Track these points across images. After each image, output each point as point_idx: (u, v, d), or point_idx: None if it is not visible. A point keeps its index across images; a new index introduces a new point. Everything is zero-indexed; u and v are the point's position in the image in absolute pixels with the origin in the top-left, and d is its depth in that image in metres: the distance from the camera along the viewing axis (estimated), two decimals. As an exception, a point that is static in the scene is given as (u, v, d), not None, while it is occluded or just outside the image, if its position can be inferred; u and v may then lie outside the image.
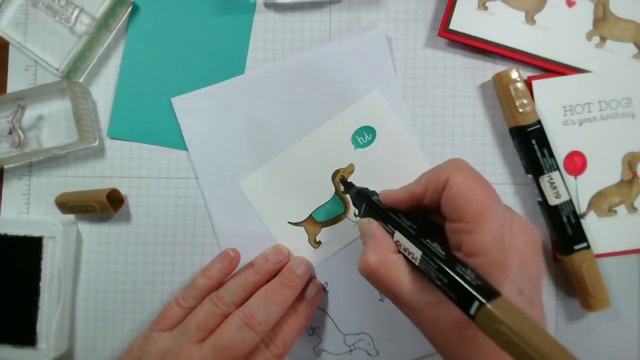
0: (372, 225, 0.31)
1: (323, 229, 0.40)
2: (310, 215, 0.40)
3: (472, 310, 0.23)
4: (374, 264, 0.29)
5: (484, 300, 0.23)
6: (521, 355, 0.21)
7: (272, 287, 0.36)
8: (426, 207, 0.30)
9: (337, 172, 0.39)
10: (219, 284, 0.38)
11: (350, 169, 0.39)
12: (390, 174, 0.39)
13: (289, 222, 0.40)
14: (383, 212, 0.31)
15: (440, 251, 0.27)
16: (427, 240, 0.28)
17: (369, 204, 0.33)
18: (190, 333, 0.35)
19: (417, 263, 0.27)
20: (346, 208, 0.40)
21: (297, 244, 0.40)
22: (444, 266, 0.25)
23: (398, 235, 0.29)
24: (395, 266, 0.28)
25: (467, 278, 0.24)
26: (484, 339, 0.24)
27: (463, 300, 0.24)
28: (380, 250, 0.29)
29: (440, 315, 0.27)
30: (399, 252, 0.29)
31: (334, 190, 0.40)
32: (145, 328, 0.38)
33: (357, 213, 0.37)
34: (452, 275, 0.25)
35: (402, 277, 0.28)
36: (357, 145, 0.39)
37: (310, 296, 0.38)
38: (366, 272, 0.29)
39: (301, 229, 0.40)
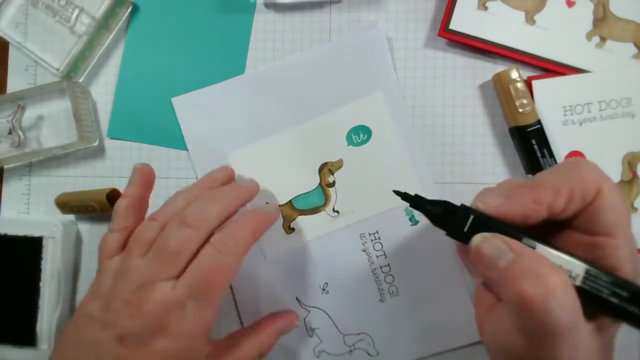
0: (511, 241, 0.24)
1: (299, 217, 0.40)
2: (290, 200, 0.40)
3: None
4: (556, 286, 0.22)
5: None
6: None
7: (211, 190, 0.35)
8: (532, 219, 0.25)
9: (325, 164, 0.40)
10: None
11: (339, 164, 0.39)
12: (376, 178, 0.39)
13: (267, 203, 0.40)
14: (510, 228, 0.25)
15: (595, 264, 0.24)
16: (567, 251, 0.24)
17: (481, 219, 0.26)
18: (133, 250, 0.32)
19: (577, 281, 0.23)
20: (326, 201, 0.40)
21: (271, 228, 0.39)
22: (621, 279, 0.23)
23: (545, 251, 0.24)
24: (570, 287, 0.23)
25: None
26: None
27: None
28: (551, 269, 0.23)
29: (598, 345, 0.24)
30: None
31: (318, 182, 0.40)
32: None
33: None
34: (634, 287, 0.22)
35: (577, 299, 0.23)
36: (350, 142, 0.39)
37: (270, 210, 0.36)
38: (550, 303, 0.22)
39: None
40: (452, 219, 0.27)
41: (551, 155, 0.37)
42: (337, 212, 0.39)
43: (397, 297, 0.39)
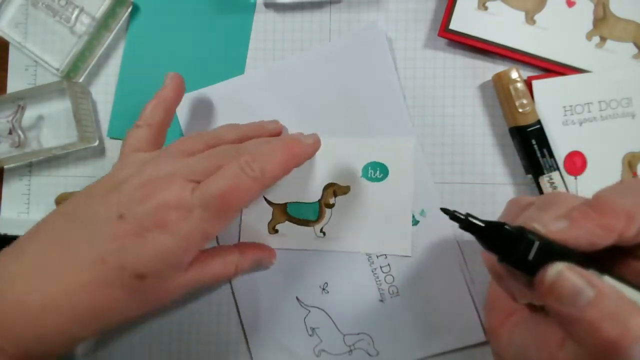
0: (591, 276, 0.22)
1: (287, 222, 0.40)
2: (286, 203, 0.40)
3: None
4: None
5: None
6: None
7: (273, 138, 0.35)
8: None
9: (332, 184, 0.39)
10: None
11: (346, 190, 0.39)
12: (374, 219, 0.39)
13: (263, 197, 0.40)
14: (576, 256, 0.23)
15: None
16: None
17: (546, 246, 0.23)
18: (171, 153, 0.33)
19: None
20: (318, 219, 0.39)
21: (257, 219, 0.40)
22: None
23: (614, 283, 0.22)
24: None
25: None
26: None
27: None
28: (634, 309, 0.20)
29: None
30: None
31: (319, 198, 0.39)
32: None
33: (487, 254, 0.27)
34: None
35: None
36: (365, 174, 0.39)
37: (307, 141, 0.34)
38: (633, 348, 0.20)
39: (270, 209, 0.40)
40: (510, 244, 0.23)
41: (551, 155, 0.37)
42: (324, 233, 0.39)
43: (398, 297, 0.39)
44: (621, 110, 0.37)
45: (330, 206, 0.39)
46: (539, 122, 0.37)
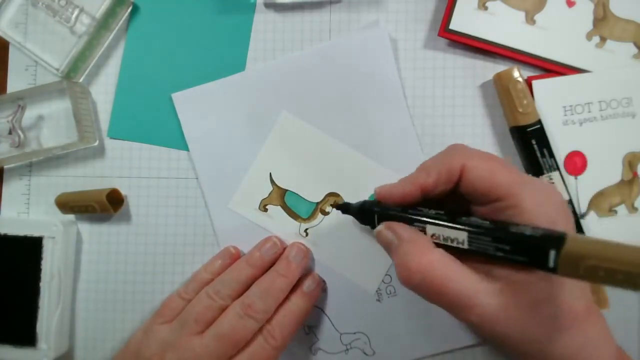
0: (397, 228, 0.28)
1: (279, 206, 0.40)
2: (286, 190, 0.40)
3: (551, 262, 0.21)
4: (421, 266, 0.26)
5: (559, 246, 0.21)
6: (626, 280, 0.19)
7: (269, 279, 0.37)
8: (430, 199, 0.29)
9: (335, 195, 0.39)
10: None
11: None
12: (355, 247, 0.39)
13: (270, 174, 0.40)
14: (401, 212, 0.29)
15: (484, 222, 0.25)
16: (464, 218, 0.26)
17: (381, 212, 0.30)
18: (189, 325, 0.35)
19: (465, 246, 0.26)
20: (308, 219, 0.40)
21: (254, 191, 0.40)
22: (498, 233, 0.24)
23: (432, 228, 0.27)
24: (445, 262, 0.26)
25: (528, 233, 0.23)
26: (563, 311, 0.24)
27: (536, 256, 0.22)
28: (420, 251, 0.27)
29: (510, 302, 0.25)
30: (438, 246, 0.27)
31: (319, 200, 0.39)
32: (145, 322, 0.38)
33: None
34: (512, 237, 0.23)
35: (457, 271, 0.26)
36: None
37: (310, 289, 0.38)
38: (415, 281, 0.26)
39: (269, 187, 0.40)
40: (368, 216, 0.31)
41: (551, 155, 0.37)
42: (306, 234, 0.39)
43: (395, 297, 0.39)
44: (621, 110, 0.37)
45: (325, 213, 0.39)
46: (539, 121, 0.37)
